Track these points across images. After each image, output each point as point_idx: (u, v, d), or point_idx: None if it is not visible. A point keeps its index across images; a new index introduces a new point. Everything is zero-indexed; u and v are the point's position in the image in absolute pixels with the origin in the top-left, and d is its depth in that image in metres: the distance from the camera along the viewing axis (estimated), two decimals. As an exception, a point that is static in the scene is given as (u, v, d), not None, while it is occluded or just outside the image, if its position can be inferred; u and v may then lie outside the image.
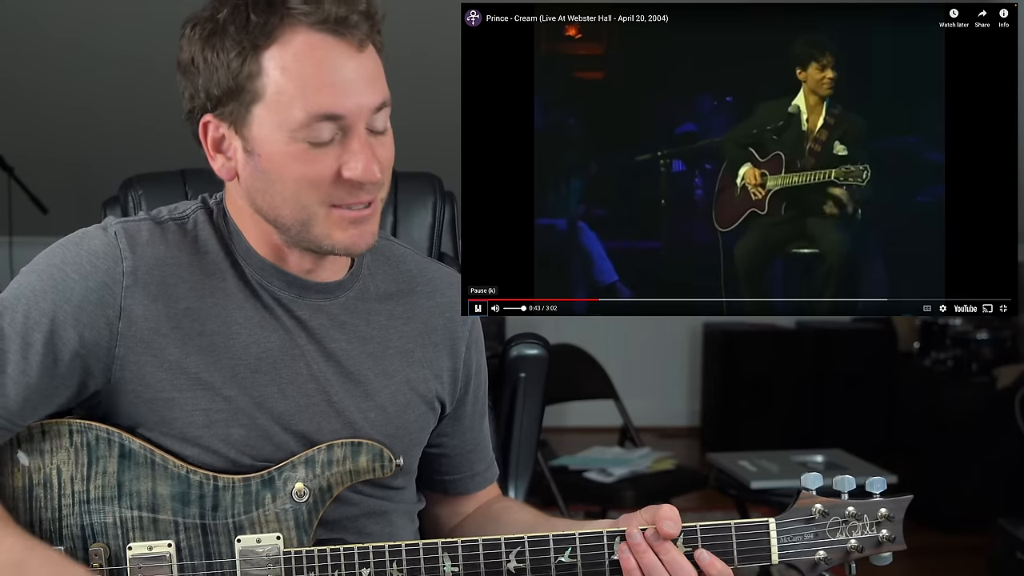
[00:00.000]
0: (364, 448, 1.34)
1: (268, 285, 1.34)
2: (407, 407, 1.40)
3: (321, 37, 1.24)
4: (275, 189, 1.28)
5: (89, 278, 1.28)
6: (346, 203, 1.27)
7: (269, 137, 1.26)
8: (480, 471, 1.54)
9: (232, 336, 1.32)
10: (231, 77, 1.25)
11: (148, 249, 1.31)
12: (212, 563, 1.31)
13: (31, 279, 1.30)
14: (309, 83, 1.23)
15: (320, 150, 1.25)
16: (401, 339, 1.42)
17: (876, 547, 1.34)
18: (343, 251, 1.31)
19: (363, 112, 1.26)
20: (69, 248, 1.31)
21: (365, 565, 1.30)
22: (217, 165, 1.31)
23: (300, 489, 1.32)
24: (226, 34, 1.24)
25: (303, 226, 1.29)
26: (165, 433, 1.31)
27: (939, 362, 4.73)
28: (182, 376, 1.30)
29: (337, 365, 1.36)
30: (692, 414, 5.88)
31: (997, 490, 4.17)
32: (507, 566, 1.31)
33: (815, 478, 1.35)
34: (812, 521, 1.34)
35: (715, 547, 1.31)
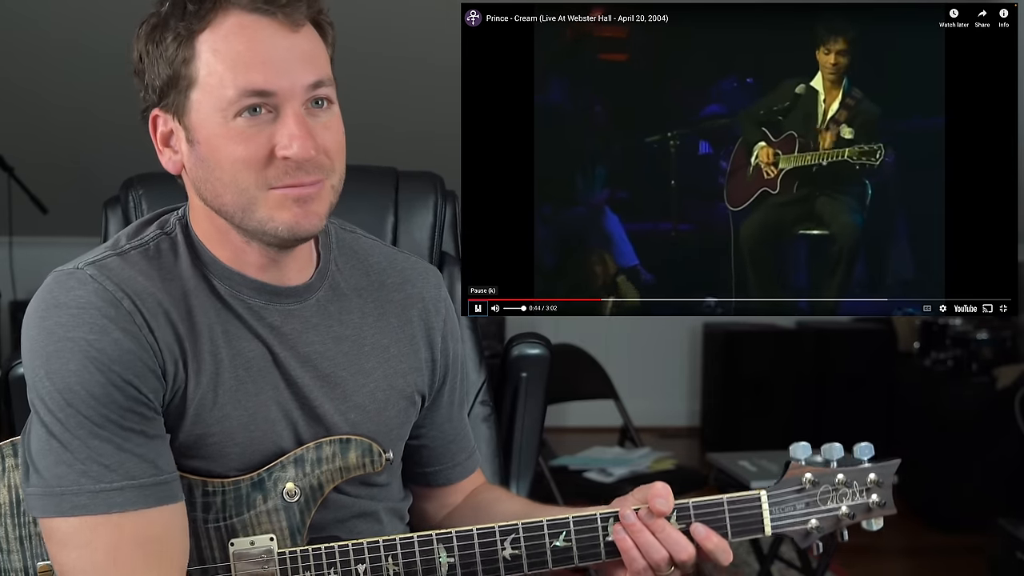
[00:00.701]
0: (353, 444, 1.34)
1: (238, 295, 1.32)
2: (387, 404, 1.40)
3: (253, 18, 1.23)
4: (215, 176, 1.26)
5: (108, 332, 1.23)
6: (284, 184, 1.25)
7: (206, 121, 1.25)
8: (461, 460, 1.53)
9: (213, 353, 1.29)
10: (169, 65, 1.25)
11: (128, 284, 1.26)
12: (207, 568, 1.30)
13: (62, 363, 1.22)
14: (239, 61, 1.23)
15: (254, 130, 1.23)
16: (376, 335, 1.40)
17: (867, 513, 1.36)
18: (287, 233, 1.26)
19: (296, 90, 1.24)
20: (61, 313, 1.24)
21: (361, 561, 1.30)
22: (165, 159, 1.31)
23: (291, 489, 1.31)
24: (166, 26, 1.25)
25: (245, 212, 1.26)
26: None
27: (939, 362, 4.72)
28: (181, 399, 1.29)
29: (313, 369, 1.34)
30: (692, 414, 5.88)
31: (997, 490, 4.17)
32: (503, 553, 1.31)
33: (804, 448, 1.36)
34: (803, 491, 1.35)
35: (708, 522, 1.32)
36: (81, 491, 1.21)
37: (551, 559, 1.31)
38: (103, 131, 4.69)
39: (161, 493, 1.24)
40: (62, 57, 4.38)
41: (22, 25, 4.24)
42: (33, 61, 4.40)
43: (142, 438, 1.24)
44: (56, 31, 4.25)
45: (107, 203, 1.80)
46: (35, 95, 4.58)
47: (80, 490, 1.21)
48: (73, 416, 1.22)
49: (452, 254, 1.84)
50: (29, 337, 1.25)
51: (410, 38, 4.27)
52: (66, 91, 4.56)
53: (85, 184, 4.80)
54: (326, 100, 1.27)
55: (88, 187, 4.68)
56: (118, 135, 4.65)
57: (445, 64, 2.11)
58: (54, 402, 1.22)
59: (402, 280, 1.44)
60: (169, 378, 1.26)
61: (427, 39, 4.03)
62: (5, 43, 4.31)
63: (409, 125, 4.43)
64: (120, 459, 1.22)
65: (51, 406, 1.22)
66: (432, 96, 4.31)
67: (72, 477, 1.22)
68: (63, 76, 4.48)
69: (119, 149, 4.57)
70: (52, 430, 1.22)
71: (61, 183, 4.87)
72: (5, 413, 1.70)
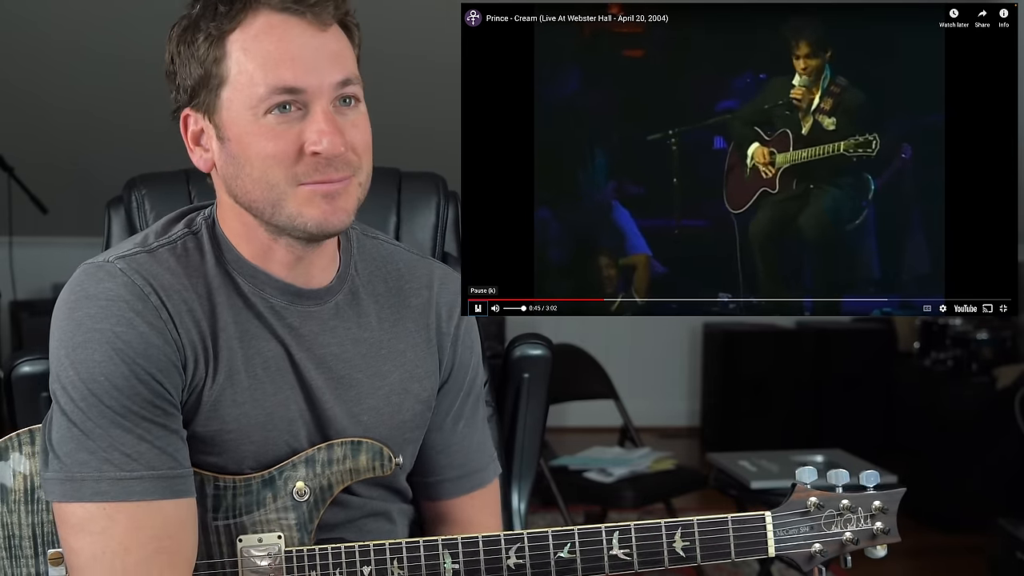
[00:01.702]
0: (364, 447, 1.35)
1: (261, 293, 1.34)
2: (401, 407, 1.40)
3: (282, 17, 1.26)
4: (245, 172, 1.28)
5: (135, 325, 1.25)
6: (313, 180, 1.27)
7: (236, 119, 1.27)
8: (451, 477, 1.48)
9: (232, 351, 1.31)
10: (200, 65, 1.27)
11: (156, 279, 1.29)
12: (213, 563, 1.31)
13: (88, 354, 1.25)
14: (269, 59, 1.25)
15: (284, 126, 1.26)
16: (392, 340, 1.41)
17: (871, 539, 1.36)
18: (316, 228, 1.28)
19: (324, 87, 1.26)
20: (91, 304, 1.26)
21: (366, 563, 1.31)
22: (196, 157, 1.33)
23: (301, 488, 1.32)
24: (198, 28, 1.28)
25: (275, 207, 1.28)
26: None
27: (939, 362, 4.73)
28: (198, 395, 1.30)
29: (328, 371, 1.36)
30: (692, 414, 5.88)
31: (997, 490, 4.17)
32: (507, 562, 1.31)
33: (810, 472, 1.36)
34: (807, 514, 1.35)
35: (712, 541, 1.32)
36: (102, 478, 1.23)
37: (555, 570, 1.31)
38: (103, 131, 4.70)
39: (178, 486, 1.26)
40: (62, 58, 4.38)
41: (22, 26, 4.25)
42: (33, 62, 4.41)
43: (162, 430, 1.26)
44: (56, 32, 4.25)
45: (110, 203, 1.80)
46: (35, 96, 4.59)
47: (101, 477, 1.23)
48: (96, 406, 1.24)
49: (454, 255, 1.84)
50: (58, 327, 1.27)
51: (411, 37, 4.28)
52: (66, 91, 4.56)
53: (85, 184, 4.81)
54: (354, 98, 1.30)
55: (88, 187, 4.68)
56: (118, 135, 4.66)
57: (447, 62, 2.11)
58: (77, 391, 1.24)
59: (420, 286, 1.45)
60: (189, 373, 1.28)
61: (428, 38, 4.03)
62: (5, 44, 4.32)
63: (411, 125, 4.43)
64: (141, 449, 1.24)
65: (73, 395, 1.24)
66: (433, 95, 4.32)
67: (94, 464, 1.23)
68: (63, 77, 4.49)
69: (119, 149, 4.58)
70: (73, 419, 1.24)
71: (61, 183, 4.87)
72: (7, 413, 1.70)
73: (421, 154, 2.86)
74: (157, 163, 1.89)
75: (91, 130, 4.72)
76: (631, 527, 1.32)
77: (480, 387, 1.52)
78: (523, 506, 1.90)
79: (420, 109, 4.52)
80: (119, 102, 4.49)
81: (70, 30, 4.24)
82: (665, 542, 1.32)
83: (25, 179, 4.47)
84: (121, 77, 4.33)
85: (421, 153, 3.00)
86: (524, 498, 1.89)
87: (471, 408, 1.50)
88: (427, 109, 4.44)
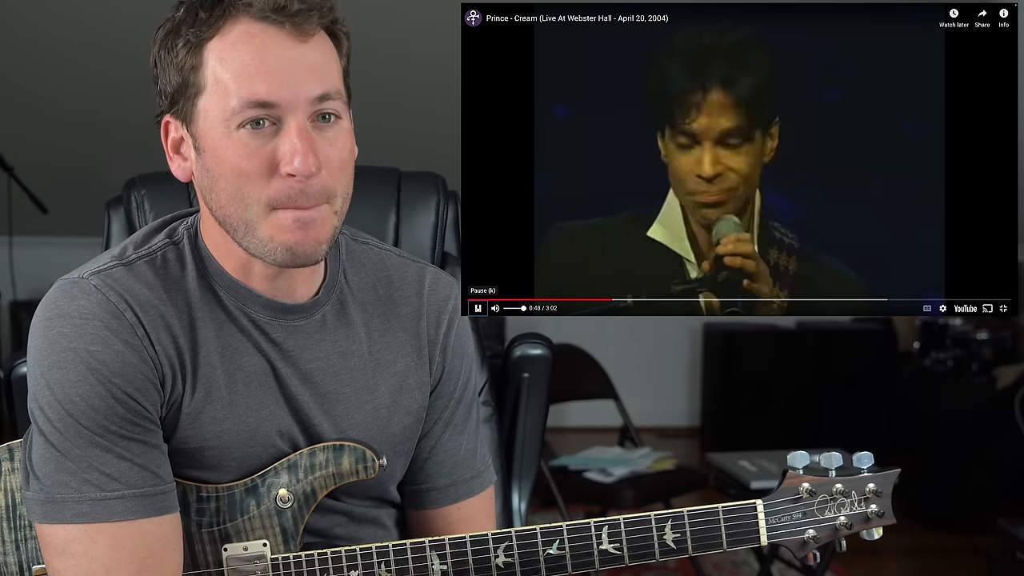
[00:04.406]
0: (346, 450, 1.32)
1: (244, 307, 1.30)
2: (391, 420, 1.37)
3: (261, 27, 1.21)
4: (219, 186, 1.24)
5: (110, 344, 1.23)
6: (286, 206, 1.22)
7: (211, 130, 1.23)
8: (438, 486, 1.44)
9: (212, 366, 1.28)
10: (179, 72, 1.24)
11: (132, 295, 1.26)
12: (200, 573, 1.30)
13: (63, 374, 1.22)
14: (244, 70, 1.20)
15: (257, 142, 1.21)
16: (382, 351, 1.38)
17: (865, 523, 1.34)
18: (286, 255, 1.24)
19: (300, 102, 1.21)
20: (64, 323, 1.23)
21: (353, 568, 1.29)
22: (175, 166, 1.29)
23: (284, 495, 1.30)
24: (178, 33, 1.24)
25: (247, 228, 1.24)
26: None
27: (939, 362, 4.73)
28: (176, 411, 1.28)
29: (313, 386, 1.33)
30: (692, 414, 5.88)
31: (997, 490, 4.17)
32: (496, 561, 1.30)
33: (802, 457, 1.35)
34: (800, 500, 1.34)
35: (703, 531, 1.32)
36: (83, 499, 1.21)
37: (544, 567, 1.30)
38: (103, 131, 4.70)
39: (160, 503, 1.24)
40: (62, 58, 4.38)
41: (22, 26, 4.25)
42: (33, 62, 4.41)
43: (142, 447, 1.24)
44: (56, 31, 4.25)
45: (109, 203, 1.80)
46: (35, 95, 4.59)
47: (81, 498, 1.21)
48: (73, 426, 1.21)
49: (454, 255, 1.84)
50: (33, 346, 1.25)
51: (411, 37, 4.28)
52: (66, 92, 4.56)
53: (85, 184, 4.81)
54: (333, 115, 1.24)
55: (88, 187, 4.68)
56: (118, 135, 4.66)
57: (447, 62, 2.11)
58: (54, 412, 1.22)
59: (411, 293, 1.41)
60: (167, 390, 1.26)
61: (429, 38, 4.03)
62: (5, 43, 4.32)
63: (411, 125, 4.43)
64: (121, 468, 1.22)
65: (51, 415, 1.22)
66: (433, 95, 4.32)
67: (74, 485, 1.21)
68: (63, 77, 4.49)
69: (119, 149, 4.58)
70: (51, 439, 1.22)
71: (61, 183, 4.87)
72: (7, 413, 1.70)
73: (421, 154, 2.86)
74: (157, 163, 1.88)
75: (91, 130, 4.72)
76: (620, 521, 1.31)
77: (473, 393, 1.48)
78: (523, 506, 1.90)
79: (420, 110, 4.52)
80: (119, 102, 4.49)
81: (70, 30, 4.24)
82: (656, 535, 1.31)
83: (25, 179, 4.47)
84: (121, 77, 4.33)
85: (421, 153, 3.00)
86: (524, 498, 1.89)
87: (462, 415, 1.45)
88: (427, 110, 4.44)
